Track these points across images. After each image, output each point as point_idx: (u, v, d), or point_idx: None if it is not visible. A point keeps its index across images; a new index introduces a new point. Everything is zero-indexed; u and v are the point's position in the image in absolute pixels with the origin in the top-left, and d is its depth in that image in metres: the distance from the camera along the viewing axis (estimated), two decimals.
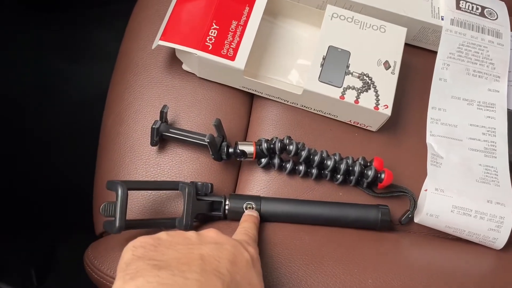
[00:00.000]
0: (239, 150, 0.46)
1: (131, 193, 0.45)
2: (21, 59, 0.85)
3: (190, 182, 0.44)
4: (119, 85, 0.51)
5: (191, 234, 0.33)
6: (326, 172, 0.47)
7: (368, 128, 0.51)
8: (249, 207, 0.45)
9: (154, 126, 0.45)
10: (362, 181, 0.48)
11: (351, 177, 0.48)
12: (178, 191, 0.44)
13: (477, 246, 0.48)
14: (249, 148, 0.46)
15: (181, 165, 0.47)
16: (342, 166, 0.47)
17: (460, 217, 0.46)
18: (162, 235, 0.32)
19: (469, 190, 0.47)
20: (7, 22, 0.86)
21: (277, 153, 0.46)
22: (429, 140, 0.51)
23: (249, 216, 0.43)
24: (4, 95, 0.81)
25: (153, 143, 0.47)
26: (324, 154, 0.47)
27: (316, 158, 0.46)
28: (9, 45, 0.85)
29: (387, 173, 0.47)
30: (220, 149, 0.46)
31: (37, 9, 0.90)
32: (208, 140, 0.44)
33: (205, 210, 0.44)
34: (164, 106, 0.46)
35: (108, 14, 0.88)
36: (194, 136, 0.46)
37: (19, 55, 0.85)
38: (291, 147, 0.46)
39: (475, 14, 0.55)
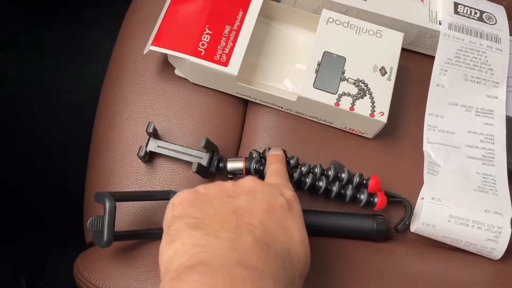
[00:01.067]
0: (228, 170, 0.45)
1: (120, 203, 0.44)
2: (19, 60, 0.85)
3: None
4: (111, 90, 0.50)
5: (227, 185, 0.34)
6: (319, 192, 0.46)
7: (364, 135, 0.50)
8: None
9: (139, 154, 0.45)
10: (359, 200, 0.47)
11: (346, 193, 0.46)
12: (169, 200, 0.43)
13: (474, 256, 0.47)
14: (239, 165, 0.45)
15: (173, 174, 0.46)
16: (334, 189, 0.45)
17: (457, 227, 0.45)
18: (200, 188, 0.33)
19: (466, 199, 0.46)
20: (4, 23, 0.85)
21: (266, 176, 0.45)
22: (426, 147, 0.50)
23: (274, 156, 0.42)
24: (1, 95, 0.80)
25: (144, 162, 0.46)
26: (318, 171, 0.45)
27: (308, 181, 0.45)
28: (6, 45, 0.84)
29: (380, 197, 0.45)
30: (210, 165, 0.45)
31: (35, 10, 0.89)
32: (194, 170, 0.43)
33: None
34: (149, 124, 0.45)
35: (106, 15, 0.87)
36: (183, 154, 0.45)
37: (16, 56, 0.85)
38: None
39: (474, 19, 0.54)
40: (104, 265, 0.42)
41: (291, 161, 0.45)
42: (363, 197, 0.45)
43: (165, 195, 0.43)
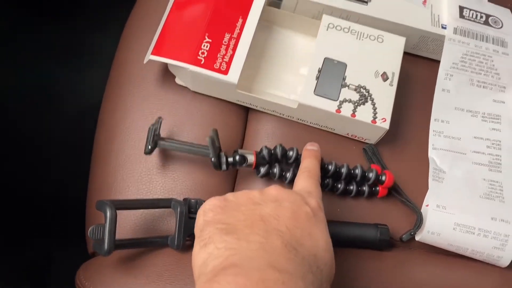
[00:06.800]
0: (239, 155, 0.44)
1: (121, 211, 0.44)
2: (20, 65, 0.85)
3: (183, 199, 0.43)
4: (112, 99, 0.50)
5: (254, 193, 0.35)
6: (327, 180, 0.46)
7: (366, 141, 0.49)
8: None
9: (151, 127, 0.44)
10: (363, 190, 0.47)
11: (351, 187, 0.46)
12: (170, 209, 0.43)
13: (481, 263, 0.46)
14: (249, 157, 0.45)
15: (174, 182, 0.46)
16: (344, 170, 0.45)
17: (463, 235, 0.44)
18: (229, 196, 0.35)
19: (472, 207, 0.45)
20: (5, 26, 0.86)
21: (279, 157, 0.45)
22: (431, 154, 0.49)
23: (310, 151, 0.44)
24: (2, 100, 0.81)
25: (147, 150, 0.44)
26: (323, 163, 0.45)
27: None
28: (7, 50, 0.85)
29: (388, 174, 0.46)
30: (219, 159, 0.45)
31: (37, 14, 0.89)
32: (210, 136, 0.43)
33: None
34: (158, 119, 0.45)
35: (108, 19, 0.88)
36: (190, 147, 0.45)
37: (18, 60, 0.85)
38: (291, 152, 0.45)
39: (479, 23, 0.53)
40: (106, 276, 0.42)
41: (299, 152, 0.45)
42: (371, 174, 0.46)
43: (167, 203, 0.43)
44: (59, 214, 0.75)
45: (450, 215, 0.45)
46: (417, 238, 0.46)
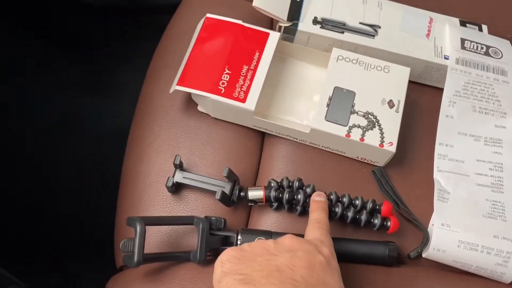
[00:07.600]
0: (249, 198, 0.48)
1: (149, 228, 0.48)
2: (45, 95, 0.90)
3: (204, 217, 0.47)
4: (140, 126, 0.55)
5: (269, 243, 0.37)
6: (335, 218, 0.49)
7: (375, 163, 0.53)
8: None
9: (167, 185, 0.49)
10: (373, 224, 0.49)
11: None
12: (193, 225, 0.47)
13: (485, 280, 0.48)
14: (259, 194, 0.48)
15: (196, 201, 0.50)
16: (350, 214, 0.48)
17: (467, 252, 0.47)
18: (245, 246, 0.37)
19: (475, 225, 0.48)
20: (31, 58, 0.91)
21: (285, 204, 0.48)
22: (436, 175, 0.52)
23: (318, 203, 0.45)
24: (28, 129, 0.86)
25: (170, 191, 0.50)
26: (333, 197, 0.48)
27: None
28: (33, 81, 0.89)
29: (393, 221, 0.48)
30: (232, 194, 0.49)
31: (62, 46, 0.95)
32: (218, 198, 0.47)
33: (218, 244, 0.46)
34: (176, 157, 0.49)
35: (133, 53, 0.93)
36: (207, 184, 0.49)
37: (43, 91, 0.90)
38: (299, 196, 0.48)
39: (480, 54, 0.56)
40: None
41: (307, 190, 0.48)
42: (377, 221, 0.48)
43: (190, 220, 0.46)
44: (84, 234, 0.79)
45: (454, 233, 0.47)
46: (424, 255, 0.49)
